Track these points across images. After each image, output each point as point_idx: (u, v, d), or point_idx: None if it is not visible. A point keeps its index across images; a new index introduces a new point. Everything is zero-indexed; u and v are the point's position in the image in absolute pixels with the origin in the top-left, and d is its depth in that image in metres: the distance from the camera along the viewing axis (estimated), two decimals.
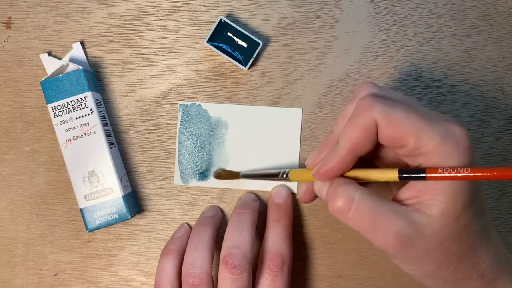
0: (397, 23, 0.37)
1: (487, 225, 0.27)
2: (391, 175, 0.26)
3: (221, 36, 0.36)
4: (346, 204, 0.25)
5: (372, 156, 0.29)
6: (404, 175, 0.25)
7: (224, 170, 0.37)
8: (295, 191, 0.37)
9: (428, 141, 0.24)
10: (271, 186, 0.37)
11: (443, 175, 0.24)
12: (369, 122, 0.25)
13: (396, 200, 0.26)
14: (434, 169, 0.24)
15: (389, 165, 0.29)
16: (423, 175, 0.24)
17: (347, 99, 0.37)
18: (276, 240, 0.33)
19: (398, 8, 0.37)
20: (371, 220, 0.25)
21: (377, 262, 0.37)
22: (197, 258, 0.32)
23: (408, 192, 0.26)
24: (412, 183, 0.26)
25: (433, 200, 0.25)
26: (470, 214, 0.25)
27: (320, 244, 0.37)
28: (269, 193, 0.36)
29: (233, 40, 0.36)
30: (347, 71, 0.37)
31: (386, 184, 0.32)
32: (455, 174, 0.23)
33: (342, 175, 0.27)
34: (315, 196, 0.31)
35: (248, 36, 0.36)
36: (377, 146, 0.27)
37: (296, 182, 0.36)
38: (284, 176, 0.33)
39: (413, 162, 0.26)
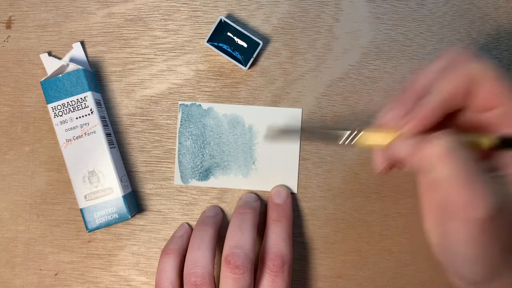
0: (397, 23, 0.37)
1: None
2: (489, 141, 0.24)
3: (221, 36, 0.36)
4: (448, 148, 0.23)
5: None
6: (506, 144, 0.23)
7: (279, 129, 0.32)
8: (294, 191, 0.37)
9: None
10: (271, 186, 0.37)
11: None
12: (471, 72, 0.24)
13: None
14: None
15: None
16: None
17: (347, 99, 0.37)
18: (276, 240, 0.33)
19: (398, 8, 0.37)
20: (469, 170, 0.22)
21: (377, 262, 0.37)
22: (199, 258, 0.32)
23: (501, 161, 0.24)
24: (498, 154, 0.24)
25: None
26: None
27: (320, 244, 0.37)
28: (269, 193, 0.36)
29: (233, 40, 0.36)
30: (347, 71, 0.37)
31: None
32: None
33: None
34: (394, 164, 0.28)
35: (248, 36, 0.36)
36: (449, 115, 0.26)
37: (296, 182, 0.36)
38: (352, 137, 0.28)
39: (495, 130, 0.24)
